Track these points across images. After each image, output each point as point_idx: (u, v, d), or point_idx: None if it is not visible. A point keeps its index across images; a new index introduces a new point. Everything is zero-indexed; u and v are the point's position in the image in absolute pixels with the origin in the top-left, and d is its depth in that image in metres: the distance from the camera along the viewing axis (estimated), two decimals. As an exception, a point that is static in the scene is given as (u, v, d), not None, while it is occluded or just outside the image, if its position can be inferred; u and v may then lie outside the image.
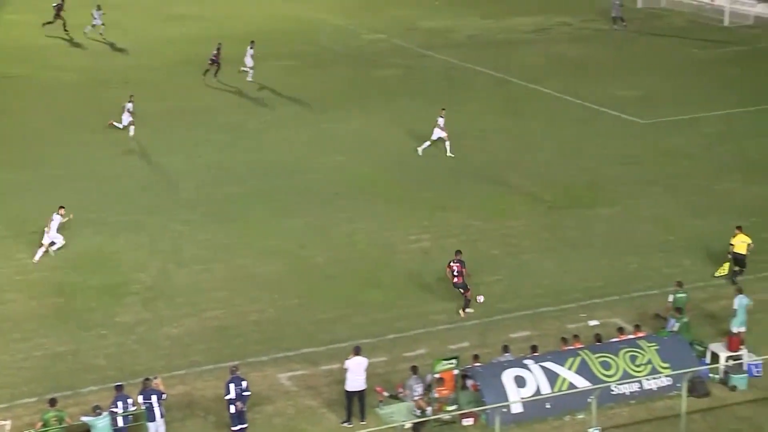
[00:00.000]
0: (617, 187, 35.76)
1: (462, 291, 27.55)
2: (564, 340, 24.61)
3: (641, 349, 23.92)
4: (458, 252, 27.78)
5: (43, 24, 56.56)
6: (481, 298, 27.92)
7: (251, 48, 48.54)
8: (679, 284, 26.33)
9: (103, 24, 55.87)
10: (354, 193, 35.68)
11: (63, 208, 31.27)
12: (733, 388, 23.95)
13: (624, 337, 24.81)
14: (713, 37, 57.67)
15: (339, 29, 59.64)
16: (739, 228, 29.27)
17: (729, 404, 23.44)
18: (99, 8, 56.00)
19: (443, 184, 36.49)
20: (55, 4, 56.59)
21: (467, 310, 27.66)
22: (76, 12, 57.51)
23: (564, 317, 27.22)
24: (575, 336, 24.89)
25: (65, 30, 56.26)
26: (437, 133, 38.55)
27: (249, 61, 48.45)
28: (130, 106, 40.79)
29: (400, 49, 56.11)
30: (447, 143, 38.65)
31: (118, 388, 22.32)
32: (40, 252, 30.62)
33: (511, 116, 43.50)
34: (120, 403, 21.87)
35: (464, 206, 34.50)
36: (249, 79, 48.39)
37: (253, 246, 31.62)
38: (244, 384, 22.36)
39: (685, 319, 25.37)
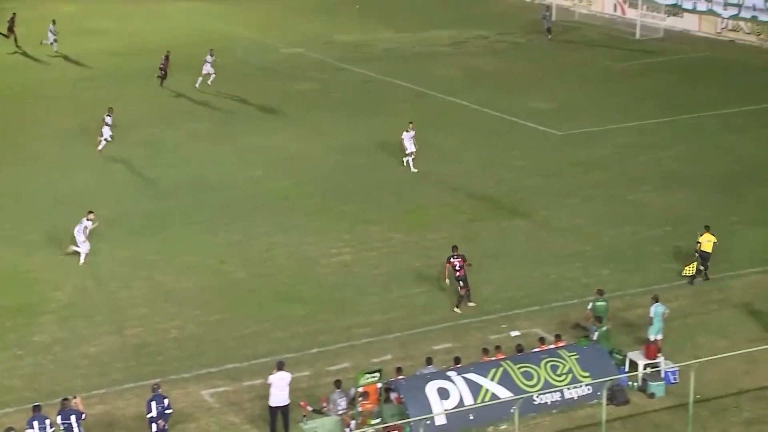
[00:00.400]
0: (535, 199, 36.25)
1: (461, 285, 28.31)
2: (486, 351, 24.86)
3: (562, 358, 24.25)
4: (455, 247, 28.71)
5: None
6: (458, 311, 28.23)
7: (210, 56, 49.88)
8: (600, 292, 26.76)
9: (56, 40, 56.25)
10: (274, 207, 35.62)
11: (92, 213, 31.20)
12: (652, 396, 24.40)
13: (545, 347, 25.14)
14: (626, 49, 58.86)
15: (256, 43, 59.52)
16: (706, 228, 30.15)
17: (648, 411, 23.85)
18: (54, 23, 56.71)
19: (364, 197, 36.63)
20: (8, 19, 57.42)
21: (470, 303, 28.39)
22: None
23: (486, 328, 27.48)
24: (497, 347, 25.16)
25: (17, 45, 56.93)
26: (410, 147, 38.74)
27: (208, 68, 49.68)
28: (108, 119, 40.40)
29: (318, 62, 56.21)
30: (411, 158, 38.72)
31: (35, 408, 21.94)
32: (82, 259, 30.80)
33: (430, 129, 43.82)
34: (36, 423, 21.48)
35: (385, 219, 34.68)
36: (209, 82, 49.76)
37: (173, 262, 31.38)
38: (165, 402, 22.17)
39: (605, 328, 25.81)
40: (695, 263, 30.03)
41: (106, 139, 40.42)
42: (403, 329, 27.50)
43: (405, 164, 38.94)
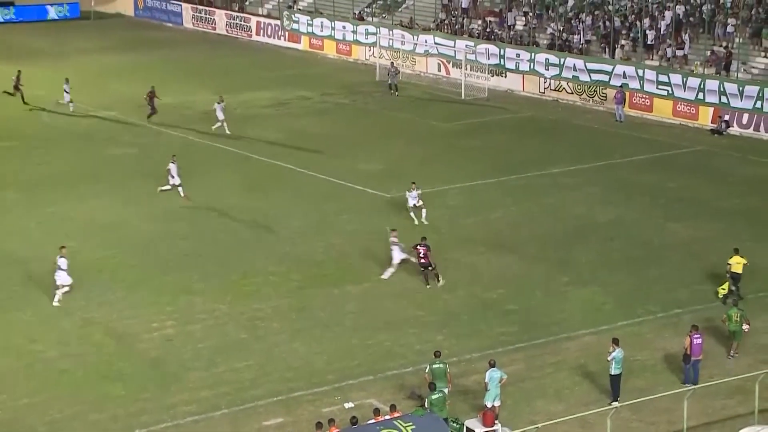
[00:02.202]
0: (366, 264, 36.22)
1: (430, 268, 33.82)
2: (319, 426, 24.42)
3: (398, 429, 24.02)
4: (423, 238, 34.46)
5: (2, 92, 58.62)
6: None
7: (221, 102, 53.99)
8: (437, 354, 26.78)
9: (71, 101, 57.44)
10: (89, 280, 34.42)
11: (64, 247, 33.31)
12: (491, 463, 24.45)
13: (380, 419, 24.89)
14: (451, 109, 60.10)
15: (64, 106, 57.98)
16: (736, 250, 33.52)
17: (488, 480, 23.87)
18: (67, 81, 57.88)
19: (186, 266, 35.86)
20: (13, 77, 58.93)
21: (439, 283, 34.02)
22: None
23: (318, 401, 27.08)
24: (331, 420, 24.76)
25: (24, 102, 58.36)
26: (411, 201, 40.26)
27: (221, 115, 53.38)
28: (173, 167, 42.27)
29: (133, 126, 55.26)
30: (423, 210, 40.10)
31: None
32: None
33: (255, 194, 43.47)
34: None
35: (209, 289, 33.98)
36: (227, 132, 53.16)
37: (-24, 343, 29.87)
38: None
39: (443, 392, 25.72)
40: (727, 283, 33.05)
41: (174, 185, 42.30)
42: (231, 405, 26.82)
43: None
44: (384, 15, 76.85)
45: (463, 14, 71.52)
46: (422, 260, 34.06)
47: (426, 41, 69.36)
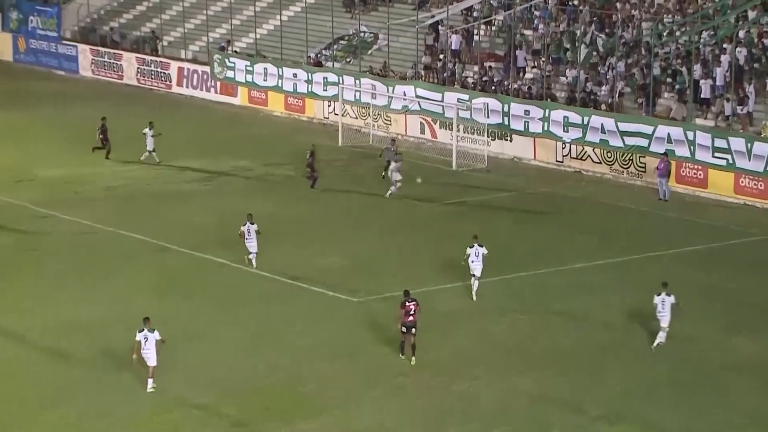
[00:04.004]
0: (327, 391, 36.15)
1: (413, 331, 38.00)
2: None
3: None
4: (407, 292, 38.51)
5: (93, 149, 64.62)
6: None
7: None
8: None
9: (153, 150, 63.66)
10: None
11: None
12: None
13: None
14: (439, 184, 60.24)
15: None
16: None
17: None
18: (151, 126, 63.82)
19: (78, 397, 35.76)
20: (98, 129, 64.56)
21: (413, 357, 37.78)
22: None
23: None
24: None
25: (107, 157, 64.17)
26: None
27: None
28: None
29: (10, 208, 55.21)
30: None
31: None
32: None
33: (173, 297, 43.36)
34: None
35: (116, 425, 33.83)
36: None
37: None
38: None
39: None
40: None
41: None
42: None
43: None
44: (348, 59, 77.67)
45: (454, 58, 72.28)
46: (410, 319, 37.86)
47: (404, 93, 70.00)
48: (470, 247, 44.02)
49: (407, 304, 38.04)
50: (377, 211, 55.82)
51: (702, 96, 61.59)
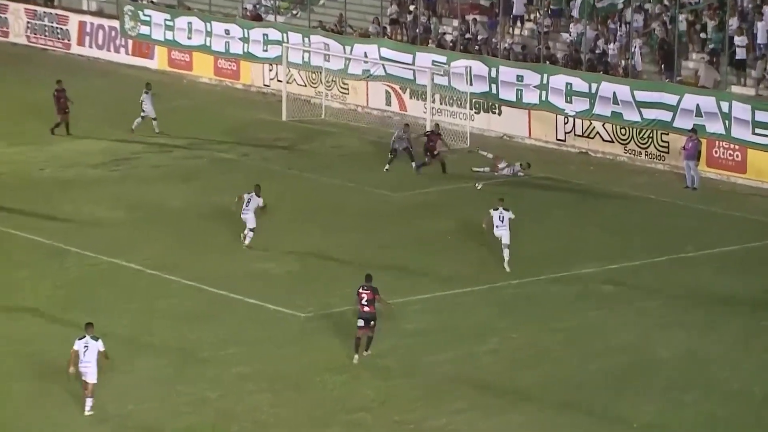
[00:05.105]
0: (267, 430, 36.10)
1: (372, 324, 39.61)
2: None
3: None
4: (369, 277, 40.19)
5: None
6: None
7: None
8: None
9: (155, 118, 65.97)
10: None
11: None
12: None
13: None
14: (409, 168, 60.13)
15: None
16: None
17: None
18: (148, 88, 66.02)
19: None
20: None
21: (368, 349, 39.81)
22: None
23: None
24: None
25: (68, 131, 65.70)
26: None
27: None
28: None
29: None
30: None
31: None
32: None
33: (74, 311, 43.02)
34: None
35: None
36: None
37: None
38: None
39: None
40: None
41: None
42: None
43: None
44: (295, 11, 77.51)
45: (428, 10, 72.16)
46: (366, 309, 39.49)
47: (366, 55, 69.92)
48: (494, 210, 46.64)
49: (361, 291, 39.64)
50: (331, 203, 55.64)
51: (739, 57, 61.59)
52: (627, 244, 50.76)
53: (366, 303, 39.53)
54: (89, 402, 36.08)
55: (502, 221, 46.46)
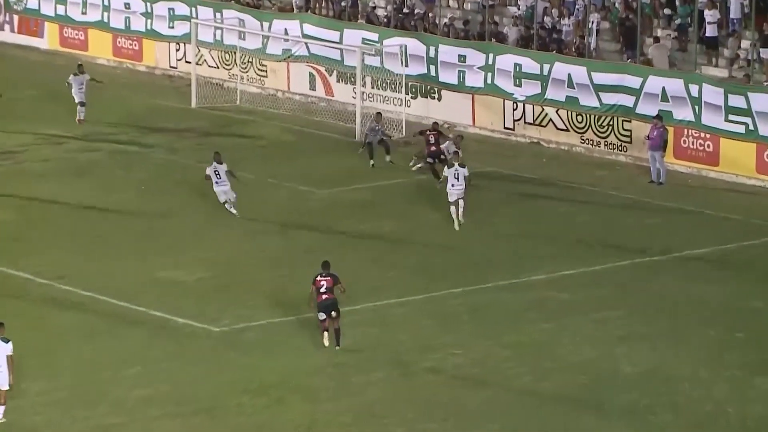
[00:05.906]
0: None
1: (334, 314, 41.73)
2: None
3: None
4: (326, 263, 42.24)
5: None
6: None
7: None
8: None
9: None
10: None
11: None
12: None
13: None
14: (335, 161, 60.43)
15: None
16: None
17: None
18: (80, 71, 67.03)
19: None
20: None
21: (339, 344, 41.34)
22: None
23: None
24: None
25: None
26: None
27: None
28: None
29: None
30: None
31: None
32: None
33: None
34: None
35: None
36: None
37: None
38: None
39: None
40: None
41: None
42: None
43: None
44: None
45: (358, -19, 72.40)
46: (324, 297, 41.74)
47: (286, 32, 70.09)
48: (449, 167, 48.96)
49: (319, 279, 41.86)
50: (248, 202, 55.59)
51: (709, 34, 61.90)
52: (584, 247, 51.09)
53: (325, 291, 41.54)
54: (1, 410, 36.20)
55: (458, 179, 48.23)
